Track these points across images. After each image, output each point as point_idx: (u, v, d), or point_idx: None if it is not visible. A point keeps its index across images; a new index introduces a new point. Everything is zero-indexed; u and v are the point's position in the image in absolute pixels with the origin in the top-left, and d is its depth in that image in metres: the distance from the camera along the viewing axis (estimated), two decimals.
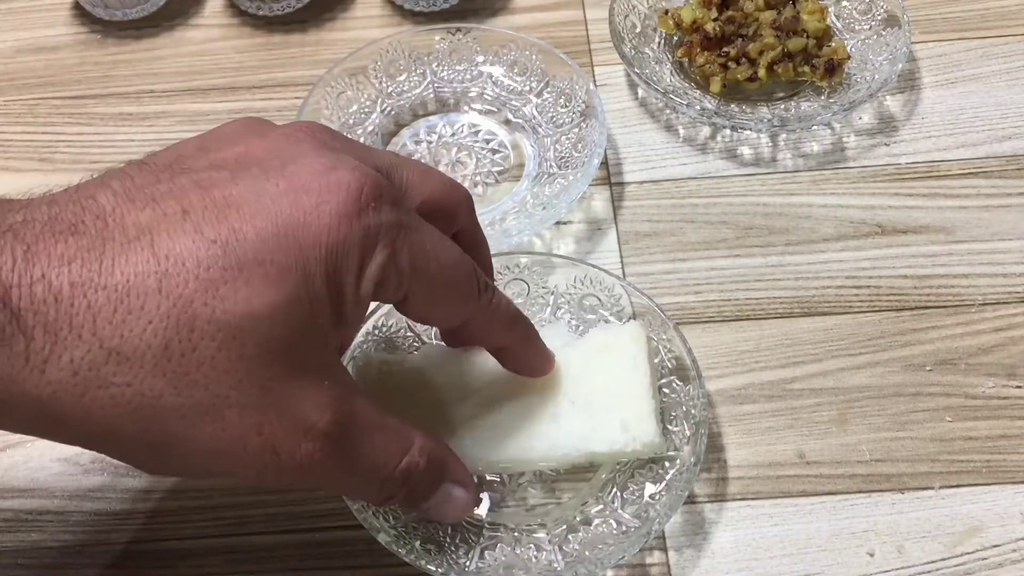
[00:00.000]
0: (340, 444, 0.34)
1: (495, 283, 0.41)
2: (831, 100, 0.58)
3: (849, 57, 0.58)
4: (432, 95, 0.60)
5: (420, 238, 0.35)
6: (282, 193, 0.32)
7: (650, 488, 0.43)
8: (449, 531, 0.43)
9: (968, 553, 0.44)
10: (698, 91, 0.59)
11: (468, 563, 0.41)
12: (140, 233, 0.31)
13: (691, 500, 0.45)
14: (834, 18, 0.62)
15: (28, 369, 0.29)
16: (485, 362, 0.43)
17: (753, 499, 0.45)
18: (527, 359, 0.42)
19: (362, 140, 0.57)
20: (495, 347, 0.42)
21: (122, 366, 0.30)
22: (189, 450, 0.32)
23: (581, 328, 0.46)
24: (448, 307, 0.38)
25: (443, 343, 0.44)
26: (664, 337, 0.46)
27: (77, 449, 0.47)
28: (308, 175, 0.33)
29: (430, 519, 0.41)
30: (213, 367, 0.31)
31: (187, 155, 0.34)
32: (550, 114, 0.58)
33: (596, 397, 0.43)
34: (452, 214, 0.38)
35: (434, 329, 0.47)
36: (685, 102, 0.57)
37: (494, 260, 0.44)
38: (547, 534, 0.43)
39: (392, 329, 0.47)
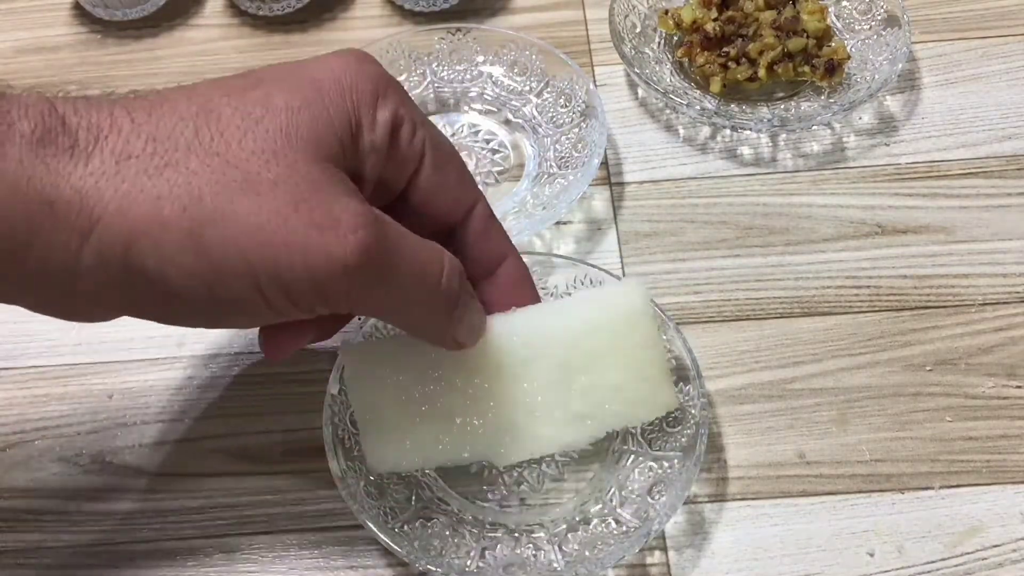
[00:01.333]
0: (383, 232, 0.34)
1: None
2: (831, 100, 0.58)
3: (849, 57, 0.58)
4: (432, 95, 0.60)
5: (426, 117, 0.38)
6: (299, 65, 0.37)
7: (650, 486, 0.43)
8: (449, 531, 0.43)
9: (968, 553, 0.44)
10: (698, 91, 0.59)
11: (468, 563, 0.41)
12: (168, 92, 0.35)
13: (691, 500, 0.45)
14: (834, 18, 0.62)
15: (73, 163, 0.32)
16: (469, 355, 0.42)
17: (753, 499, 0.45)
18: (524, 278, 0.42)
19: None
20: (497, 254, 0.41)
21: (159, 147, 0.33)
22: (228, 231, 0.32)
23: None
24: (457, 183, 0.39)
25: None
26: (664, 337, 0.46)
27: (77, 449, 0.47)
28: (323, 57, 0.37)
29: (458, 344, 0.40)
30: (242, 147, 0.33)
31: None
32: (550, 114, 0.58)
33: (601, 374, 0.42)
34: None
35: None
36: (685, 102, 0.57)
37: None
38: (547, 534, 0.43)
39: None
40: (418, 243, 0.36)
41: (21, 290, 0.33)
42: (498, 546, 0.42)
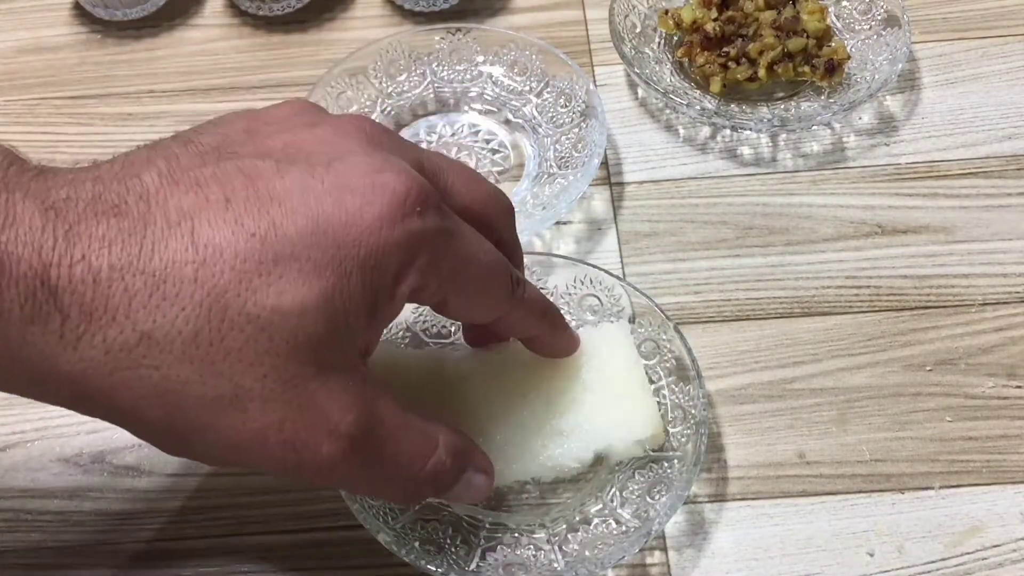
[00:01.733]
0: (363, 446, 0.34)
1: None
2: (831, 100, 0.58)
3: (849, 57, 0.58)
4: (432, 95, 0.60)
5: (460, 243, 0.35)
6: (326, 191, 0.32)
7: (650, 488, 0.43)
8: (449, 531, 0.43)
9: (968, 553, 0.44)
10: (698, 91, 0.59)
11: (468, 563, 0.41)
12: (182, 219, 0.31)
13: (691, 500, 0.45)
14: (834, 18, 0.62)
15: (62, 346, 0.30)
16: (473, 378, 0.44)
17: (753, 499, 0.45)
18: (554, 345, 0.43)
19: None
20: (524, 337, 0.43)
21: (152, 350, 0.30)
22: (209, 440, 0.32)
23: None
24: (484, 306, 0.38)
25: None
26: (664, 337, 0.46)
27: (77, 449, 0.47)
28: (354, 174, 0.33)
29: (448, 501, 0.42)
30: (240, 359, 0.31)
31: (234, 138, 0.34)
32: (550, 114, 0.58)
33: (592, 407, 0.43)
34: (493, 224, 0.39)
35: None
36: (685, 102, 0.57)
37: None
38: (547, 534, 0.43)
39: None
40: (408, 439, 0.36)
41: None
42: (498, 546, 0.42)
